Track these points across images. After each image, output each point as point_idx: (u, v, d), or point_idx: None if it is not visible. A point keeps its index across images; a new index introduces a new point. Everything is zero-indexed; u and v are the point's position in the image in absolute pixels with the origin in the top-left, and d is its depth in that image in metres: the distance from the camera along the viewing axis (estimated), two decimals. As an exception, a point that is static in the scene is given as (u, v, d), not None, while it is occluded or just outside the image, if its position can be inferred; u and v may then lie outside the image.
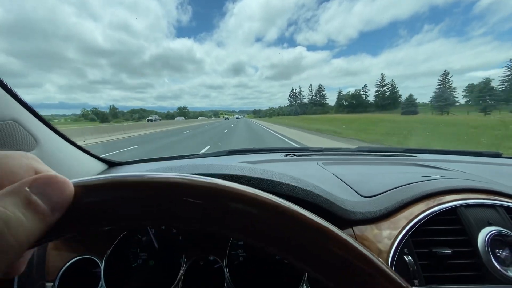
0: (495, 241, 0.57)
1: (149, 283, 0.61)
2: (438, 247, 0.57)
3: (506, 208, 0.61)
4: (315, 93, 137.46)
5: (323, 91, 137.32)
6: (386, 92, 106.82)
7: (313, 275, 0.21)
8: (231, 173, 0.56)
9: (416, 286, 0.53)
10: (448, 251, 0.55)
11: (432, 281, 0.54)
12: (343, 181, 0.81)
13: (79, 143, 0.89)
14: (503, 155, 1.32)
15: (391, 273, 0.22)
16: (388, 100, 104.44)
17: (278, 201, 0.22)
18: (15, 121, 0.65)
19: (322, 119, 44.34)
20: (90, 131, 15.02)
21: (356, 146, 1.53)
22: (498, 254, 0.56)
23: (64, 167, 0.79)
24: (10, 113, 0.64)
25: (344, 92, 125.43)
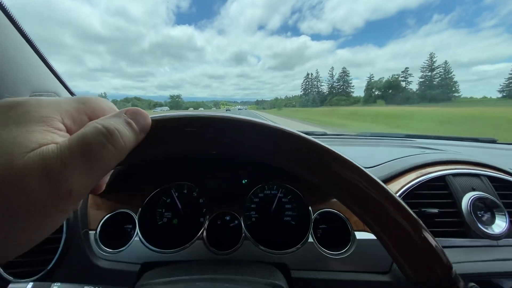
0: (478, 204, 0.65)
1: (173, 238, 0.71)
2: (427, 207, 0.65)
3: (489, 177, 0.70)
4: (337, 79, 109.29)
5: (348, 76, 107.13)
6: (435, 78, 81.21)
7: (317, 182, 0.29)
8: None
9: None
10: (435, 211, 0.64)
11: None
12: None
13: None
14: (497, 141, 1.39)
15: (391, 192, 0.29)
16: (438, 88, 78.58)
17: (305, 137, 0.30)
18: (56, 93, 0.74)
19: (361, 113, 32.59)
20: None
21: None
22: (480, 215, 0.65)
23: None
24: (52, 87, 0.72)
25: (375, 78, 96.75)
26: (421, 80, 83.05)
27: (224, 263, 0.59)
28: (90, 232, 0.65)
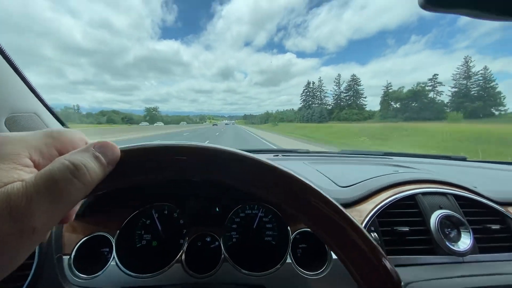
0: (445, 222, 0.69)
1: (152, 262, 0.70)
2: (399, 226, 0.68)
3: (455, 195, 0.75)
4: (345, 89, 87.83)
5: (359, 85, 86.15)
6: (472, 87, 60.92)
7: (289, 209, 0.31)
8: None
9: None
10: (406, 229, 0.67)
11: (393, 253, 0.65)
12: (324, 175, 0.93)
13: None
14: (467, 159, 1.49)
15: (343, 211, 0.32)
16: (478, 100, 57.61)
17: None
18: (35, 113, 0.73)
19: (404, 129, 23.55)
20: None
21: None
22: (447, 232, 0.69)
23: None
24: (32, 107, 0.72)
25: (394, 88, 75.48)
26: (454, 89, 64.05)
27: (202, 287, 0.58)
28: (64, 257, 0.63)
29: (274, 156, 1.38)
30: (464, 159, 1.48)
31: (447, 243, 0.66)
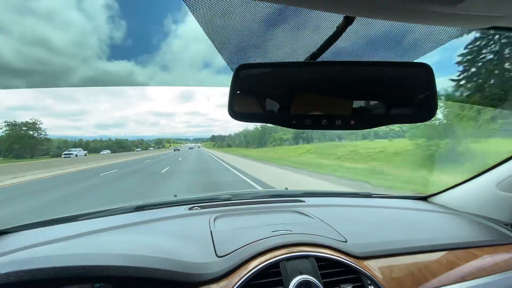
0: (305, 287, 0.74)
1: None
2: None
3: (316, 257, 0.81)
4: None
5: None
6: None
7: None
8: (72, 264, 0.65)
9: None
10: None
11: None
12: (213, 239, 0.95)
13: None
14: (373, 195, 1.64)
15: None
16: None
17: None
18: None
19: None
20: None
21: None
22: None
23: None
24: None
25: None
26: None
27: None
28: None
29: (189, 209, 1.38)
30: (370, 196, 1.63)
31: None
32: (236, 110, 0.56)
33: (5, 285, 0.59)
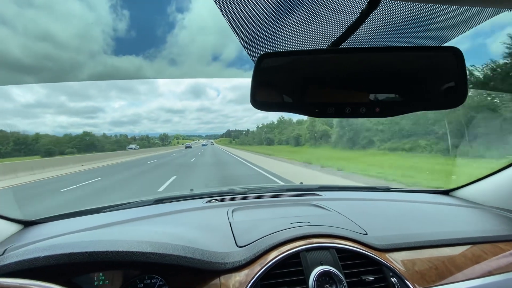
0: (324, 278, 0.75)
1: None
2: (281, 287, 0.73)
3: (336, 249, 0.81)
4: None
5: None
6: None
7: None
8: (99, 250, 0.68)
9: None
10: None
11: None
12: (232, 230, 0.96)
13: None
14: (391, 189, 1.61)
15: None
16: None
17: None
18: None
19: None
20: None
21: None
22: (327, 287, 0.74)
23: None
24: None
25: None
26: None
27: None
28: None
29: (207, 202, 1.40)
30: (388, 190, 1.60)
31: None
32: (259, 100, 0.56)
33: (44, 267, 0.63)
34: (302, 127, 41.93)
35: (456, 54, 0.51)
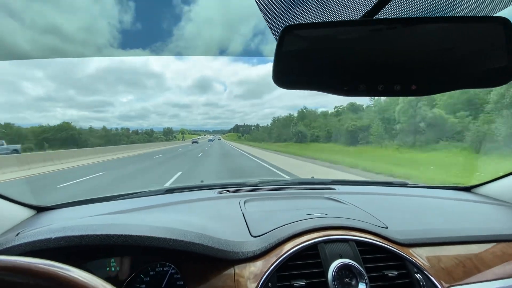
0: (344, 272, 0.71)
1: None
2: (297, 279, 0.69)
3: (356, 241, 0.77)
4: None
5: None
6: None
7: None
8: (112, 233, 0.66)
9: None
10: (303, 283, 0.68)
11: None
12: (246, 220, 0.93)
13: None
14: (408, 185, 1.54)
15: None
16: None
17: None
18: None
19: None
20: None
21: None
22: (346, 282, 0.70)
23: None
24: None
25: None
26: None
27: None
28: None
29: (218, 192, 1.38)
30: (405, 185, 1.54)
31: None
32: (282, 77, 0.52)
33: (55, 250, 0.61)
34: (364, 116, 26.65)
35: (506, 25, 0.45)
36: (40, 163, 12.59)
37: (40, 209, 1.10)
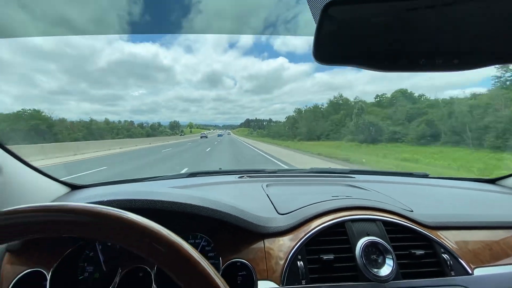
0: (371, 248, 0.72)
1: None
2: (325, 254, 0.71)
3: (383, 221, 0.78)
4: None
5: None
6: None
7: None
8: (157, 198, 0.70)
9: (303, 285, 0.67)
10: (331, 257, 0.70)
11: (318, 281, 0.68)
12: (271, 201, 0.96)
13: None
14: (429, 176, 1.53)
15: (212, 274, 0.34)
16: None
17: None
18: None
19: None
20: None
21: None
22: (373, 259, 0.72)
23: (27, 192, 0.89)
24: None
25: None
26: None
27: None
28: None
29: (239, 177, 1.41)
30: (425, 176, 1.52)
31: (370, 270, 0.69)
32: (322, 52, 0.54)
33: None
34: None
35: None
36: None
37: (74, 187, 1.16)
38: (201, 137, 52.80)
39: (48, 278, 0.68)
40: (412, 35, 0.49)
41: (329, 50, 0.53)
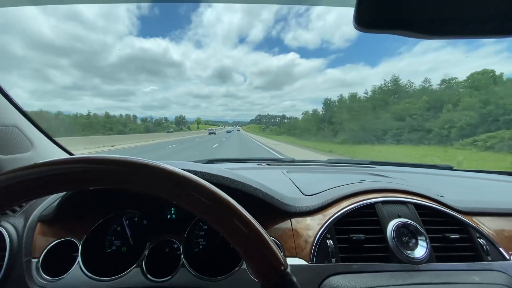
0: (402, 230, 0.70)
1: (116, 266, 0.73)
2: (355, 234, 0.70)
3: (415, 204, 0.75)
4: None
5: None
6: None
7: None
8: (194, 169, 0.70)
9: (333, 263, 0.65)
10: (361, 237, 0.68)
11: (348, 260, 0.67)
12: (294, 184, 0.95)
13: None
14: (454, 168, 1.48)
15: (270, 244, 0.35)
16: None
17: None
18: (16, 126, 0.79)
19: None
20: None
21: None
22: (405, 241, 0.69)
23: None
24: (12, 120, 0.78)
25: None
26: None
27: None
28: (33, 260, 0.67)
29: (257, 164, 1.40)
30: (450, 168, 1.47)
31: (402, 251, 0.66)
32: (363, 18, 0.52)
33: None
34: None
35: None
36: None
37: None
38: (209, 134, 54.09)
39: (80, 248, 0.69)
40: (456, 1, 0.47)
41: (369, 16, 0.51)
